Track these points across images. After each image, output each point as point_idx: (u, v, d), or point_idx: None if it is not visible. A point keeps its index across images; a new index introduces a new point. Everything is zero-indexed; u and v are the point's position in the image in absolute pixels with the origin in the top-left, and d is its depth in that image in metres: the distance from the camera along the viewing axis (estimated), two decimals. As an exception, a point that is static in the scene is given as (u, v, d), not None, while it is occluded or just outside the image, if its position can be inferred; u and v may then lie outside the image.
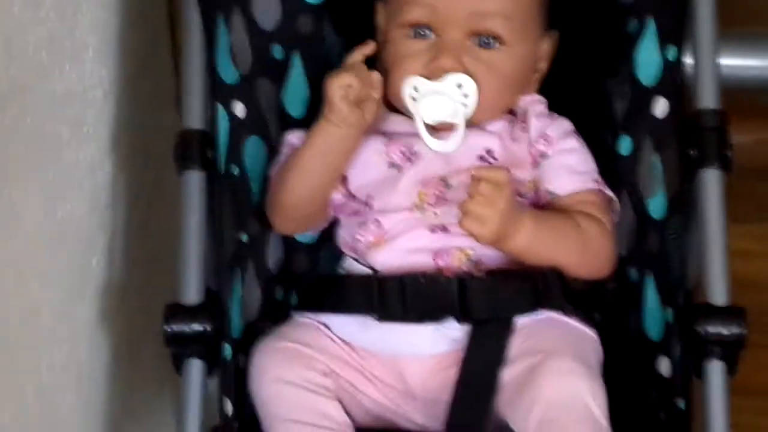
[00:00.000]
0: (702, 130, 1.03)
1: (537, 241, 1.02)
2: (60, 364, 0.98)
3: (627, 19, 1.11)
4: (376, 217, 1.06)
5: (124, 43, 1.09)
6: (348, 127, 1.03)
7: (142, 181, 1.13)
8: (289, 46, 1.14)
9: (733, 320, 0.98)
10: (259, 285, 1.11)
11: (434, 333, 1.01)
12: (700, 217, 1.02)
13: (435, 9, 1.04)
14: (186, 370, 1.00)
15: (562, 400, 0.93)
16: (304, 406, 1.00)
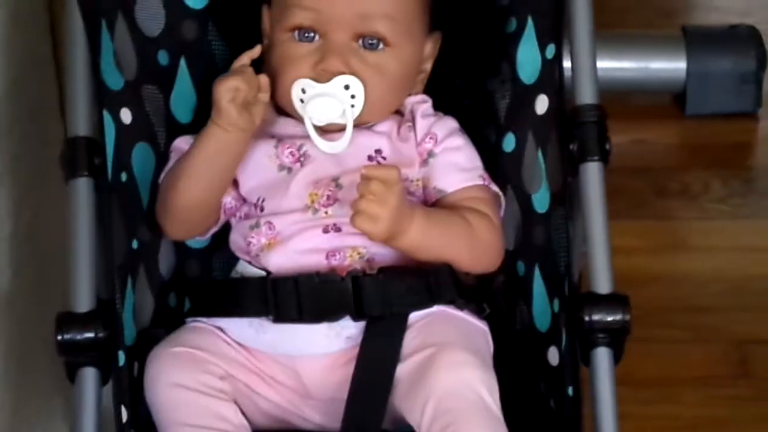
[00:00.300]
0: (582, 124, 1.05)
1: (428, 237, 1.03)
2: None
3: (507, 18, 1.12)
4: (268, 219, 1.06)
5: (5, 50, 1.06)
6: (237, 130, 1.02)
7: (28, 190, 1.10)
8: (174, 52, 1.13)
9: (617, 307, 1.00)
10: (151, 292, 1.10)
11: (329, 331, 1.02)
12: (583, 208, 1.04)
13: (319, 12, 1.04)
14: (79, 378, 0.98)
15: (456, 391, 0.94)
16: (200, 410, 0.99)
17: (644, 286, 1.50)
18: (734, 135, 2.00)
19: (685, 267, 1.79)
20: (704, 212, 1.88)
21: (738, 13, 2.12)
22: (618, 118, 1.08)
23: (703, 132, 2.00)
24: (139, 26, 1.10)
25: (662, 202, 1.88)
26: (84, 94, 1.05)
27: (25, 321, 1.08)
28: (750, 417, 1.55)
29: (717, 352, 1.64)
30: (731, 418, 1.55)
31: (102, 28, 1.06)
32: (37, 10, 1.15)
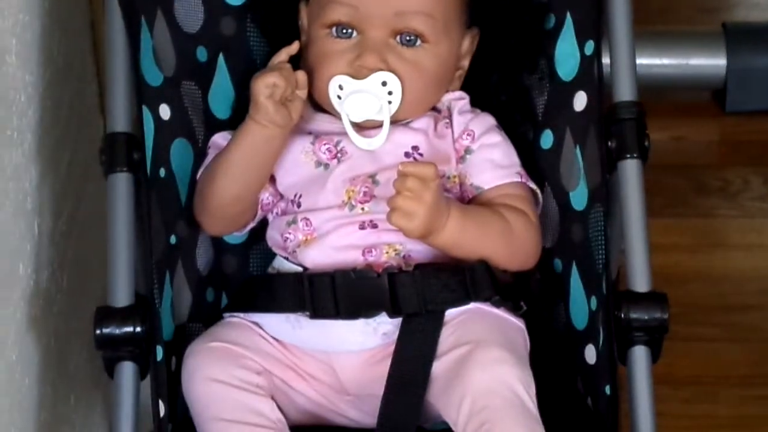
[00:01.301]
0: (620, 121, 1.05)
1: (464, 234, 1.03)
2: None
3: (545, 15, 1.12)
4: (305, 215, 1.06)
5: (46, 47, 1.07)
6: (274, 126, 1.03)
7: (67, 185, 1.11)
8: (213, 48, 1.14)
9: (656, 306, 1.00)
10: (189, 287, 1.10)
11: (365, 328, 1.02)
12: (622, 206, 1.03)
13: (357, 9, 1.04)
14: (118, 373, 0.99)
15: (492, 388, 0.94)
16: (237, 404, 1.00)
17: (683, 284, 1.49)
18: (771, 132, 1.99)
19: (723, 265, 1.77)
20: (744, 210, 1.86)
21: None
22: (657, 115, 1.08)
23: (743, 129, 1.98)
24: (178, 23, 1.11)
25: (701, 199, 1.86)
26: (123, 91, 1.06)
27: (64, 316, 1.09)
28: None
29: (755, 352, 1.63)
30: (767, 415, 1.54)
31: (141, 24, 1.07)
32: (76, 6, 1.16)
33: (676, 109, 1.96)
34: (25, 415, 1.05)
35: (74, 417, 1.17)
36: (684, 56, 1.96)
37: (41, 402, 1.08)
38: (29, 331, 1.05)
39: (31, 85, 1.06)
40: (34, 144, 1.06)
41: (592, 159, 1.07)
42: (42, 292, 1.07)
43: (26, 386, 1.06)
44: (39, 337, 1.07)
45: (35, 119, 1.06)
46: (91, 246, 1.07)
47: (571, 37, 1.10)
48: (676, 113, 1.95)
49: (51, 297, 1.09)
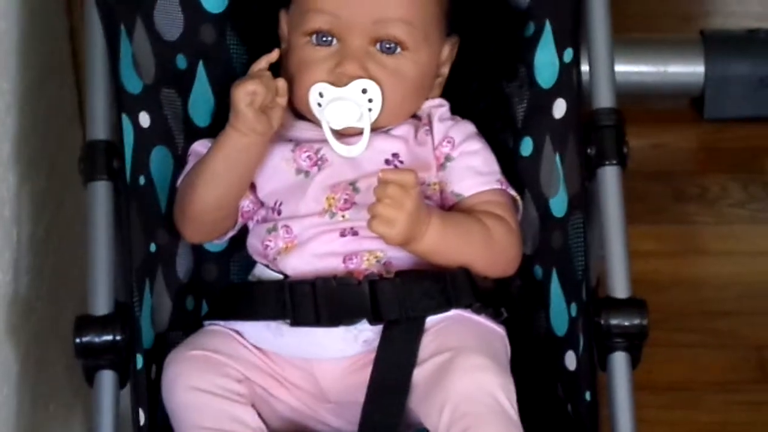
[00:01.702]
0: (600, 128, 1.05)
1: (444, 241, 1.03)
2: None
3: (524, 23, 1.12)
4: (285, 222, 1.06)
5: (24, 54, 1.07)
6: (254, 134, 1.03)
7: (46, 193, 1.11)
8: (193, 56, 1.13)
9: (635, 312, 1.00)
10: (169, 295, 1.09)
11: (346, 335, 1.02)
12: (601, 212, 1.04)
13: (337, 17, 1.04)
14: (98, 381, 0.98)
15: (473, 395, 0.94)
16: (218, 413, 0.99)
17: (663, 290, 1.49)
18: (753, 139, 1.99)
19: (703, 271, 1.78)
20: (723, 217, 1.87)
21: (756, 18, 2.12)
22: (636, 122, 1.08)
23: (722, 136, 1.99)
24: (157, 30, 1.11)
25: (680, 206, 1.87)
26: (103, 98, 1.05)
27: (43, 324, 1.09)
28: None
29: (736, 357, 1.64)
30: (750, 423, 1.55)
31: (121, 32, 1.06)
32: (55, 13, 1.16)
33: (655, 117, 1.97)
34: (2, 424, 1.04)
35: (53, 426, 1.16)
36: (662, 63, 1.97)
37: (20, 411, 1.07)
38: (8, 339, 1.05)
39: (8, 92, 1.05)
40: (12, 152, 1.05)
41: (572, 166, 1.07)
42: (21, 299, 1.06)
43: (4, 395, 1.05)
44: (18, 345, 1.06)
45: (13, 127, 1.05)
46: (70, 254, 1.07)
47: (550, 44, 1.10)
48: (654, 120, 1.95)
49: (30, 305, 1.08)
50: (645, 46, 1.97)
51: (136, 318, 1.02)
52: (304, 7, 1.07)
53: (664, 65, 1.97)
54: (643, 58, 1.94)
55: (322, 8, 1.05)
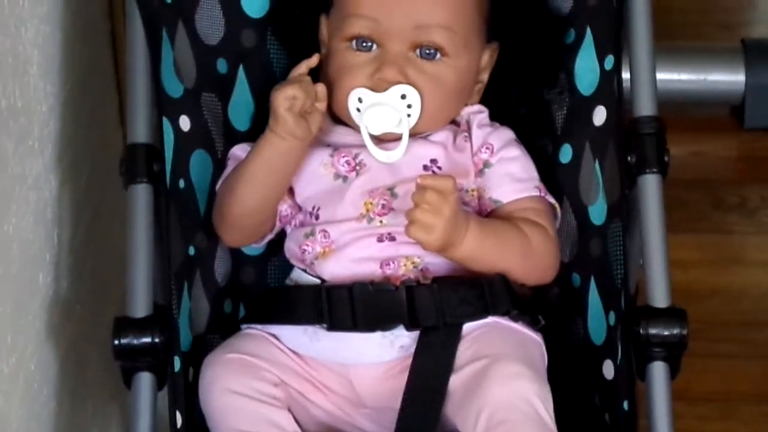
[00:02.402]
0: (640, 136, 1.04)
1: (482, 248, 1.02)
2: (7, 375, 0.97)
3: (565, 29, 1.12)
4: (323, 227, 1.06)
5: (67, 58, 1.07)
6: (293, 139, 1.03)
7: (87, 195, 1.12)
8: (233, 60, 1.14)
9: (675, 322, 0.99)
10: (207, 298, 1.10)
11: (383, 341, 1.02)
12: (641, 220, 1.03)
13: (377, 22, 1.04)
14: (136, 383, 0.99)
15: (510, 403, 0.93)
16: (254, 416, 0.99)
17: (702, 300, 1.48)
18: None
19: (742, 281, 1.77)
20: (762, 226, 1.86)
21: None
22: (676, 131, 1.07)
23: (762, 145, 1.98)
24: (199, 35, 1.11)
25: (720, 215, 1.86)
26: (144, 102, 1.06)
27: (83, 326, 1.10)
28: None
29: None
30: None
31: (162, 36, 1.07)
32: (97, 17, 1.17)
33: (696, 125, 1.96)
34: (42, 424, 1.05)
35: (91, 427, 1.17)
36: (703, 72, 1.96)
37: (59, 412, 1.08)
38: (48, 340, 1.05)
39: (52, 95, 1.06)
40: (54, 154, 1.06)
41: (612, 174, 1.07)
42: (61, 301, 1.07)
43: (44, 395, 1.06)
44: (57, 346, 1.07)
45: (56, 129, 1.06)
46: (110, 256, 1.07)
47: (591, 51, 1.10)
48: (695, 128, 1.94)
49: (70, 306, 1.09)
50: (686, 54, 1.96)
51: (174, 321, 1.02)
52: (345, 12, 1.07)
53: (704, 74, 1.95)
54: (684, 66, 1.93)
55: (362, 13, 1.05)
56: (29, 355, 1.02)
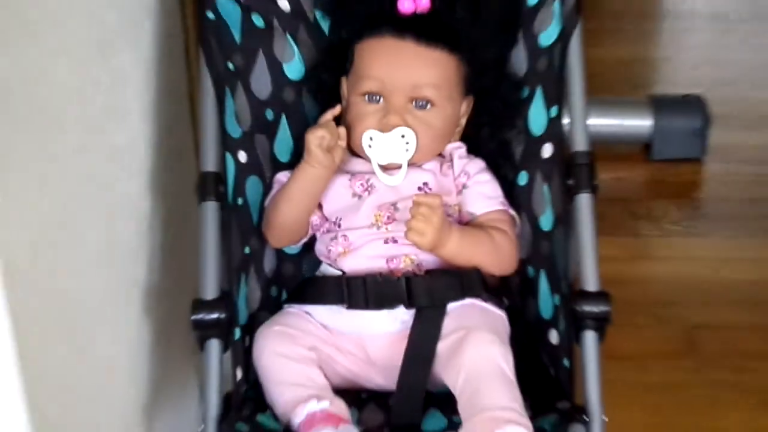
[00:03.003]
0: (577, 165, 1.04)
1: (461, 248, 1.02)
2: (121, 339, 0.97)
3: (521, 87, 1.11)
4: (344, 233, 1.05)
5: (159, 107, 1.07)
6: (322, 168, 1.02)
7: (172, 210, 1.11)
8: (278, 110, 1.13)
9: (602, 301, 0.99)
10: (258, 285, 1.09)
11: (388, 317, 1.01)
12: (577, 228, 1.02)
13: (383, 82, 1.04)
14: (207, 348, 0.98)
15: (481, 362, 0.93)
16: (294, 372, 0.99)
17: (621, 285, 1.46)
18: (687, 174, 1.98)
19: (650, 271, 1.77)
20: (664, 231, 1.85)
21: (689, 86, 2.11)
22: (602, 161, 1.07)
23: (664, 172, 1.98)
24: (252, 91, 1.10)
25: (633, 223, 1.86)
26: (213, 141, 1.05)
27: (169, 306, 1.09)
28: (697, 381, 1.54)
29: (674, 335, 1.62)
30: (683, 382, 1.54)
31: (226, 92, 1.07)
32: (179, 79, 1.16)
33: (616, 157, 1.96)
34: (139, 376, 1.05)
35: (176, 380, 1.16)
36: (622, 119, 1.98)
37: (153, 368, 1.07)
38: (144, 318, 1.05)
39: (149, 136, 1.05)
40: (149, 179, 1.05)
41: (556, 193, 1.06)
42: (154, 289, 1.06)
43: (141, 358, 1.06)
44: (151, 322, 1.06)
45: (150, 161, 1.06)
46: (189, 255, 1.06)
47: (541, 103, 1.09)
48: (616, 160, 1.95)
49: (160, 292, 1.08)
50: (609, 105, 1.97)
51: (235, 302, 1.02)
52: (360, 74, 1.06)
53: (623, 120, 1.97)
54: (608, 114, 1.94)
55: (372, 75, 1.05)
56: (134, 327, 1.02)
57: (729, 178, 1.95)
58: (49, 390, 0.76)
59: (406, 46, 1.04)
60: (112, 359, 0.96)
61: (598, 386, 0.98)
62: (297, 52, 1.12)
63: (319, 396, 0.96)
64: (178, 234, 1.11)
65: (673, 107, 1.98)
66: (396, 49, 1.05)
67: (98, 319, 0.92)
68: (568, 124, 1.06)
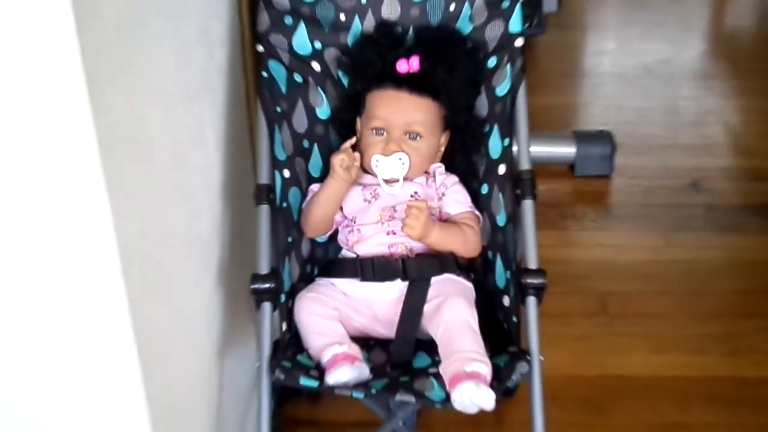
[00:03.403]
0: (523, 179, 1.04)
1: (441, 238, 1.02)
2: (197, 302, 0.97)
3: (483, 125, 1.10)
4: (357, 227, 1.05)
5: (227, 138, 1.06)
6: (342, 181, 1.02)
7: (239, 211, 1.10)
8: (311, 141, 1.13)
9: (540, 276, 1.00)
10: (297, 264, 1.09)
11: (389, 287, 1.01)
12: (523, 224, 1.03)
13: (386, 120, 1.04)
14: (261, 308, 0.98)
15: (454, 319, 0.94)
16: (323, 325, 0.99)
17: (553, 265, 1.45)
18: (599, 187, 1.96)
19: (573, 255, 1.75)
20: (583, 227, 1.84)
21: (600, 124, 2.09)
22: (540, 177, 1.06)
23: (583, 185, 1.96)
24: (294, 127, 1.10)
25: (562, 221, 1.84)
26: (266, 162, 1.05)
27: (237, 279, 1.08)
28: (606, 333, 1.52)
29: (589, 300, 1.61)
30: (596, 333, 1.52)
31: (275, 128, 1.07)
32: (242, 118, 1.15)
33: (551, 174, 1.94)
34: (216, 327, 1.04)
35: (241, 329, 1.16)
36: (554, 147, 1.95)
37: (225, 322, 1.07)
38: (220, 287, 1.04)
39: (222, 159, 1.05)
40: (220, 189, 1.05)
41: (508, 199, 1.06)
42: (226, 267, 1.06)
43: (218, 312, 1.04)
44: (226, 291, 1.06)
45: (221, 176, 1.05)
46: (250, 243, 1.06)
47: (497, 136, 1.09)
48: (550, 176, 1.93)
49: (231, 269, 1.08)
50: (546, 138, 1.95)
51: (281, 275, 1.02)
52: (369, 115, 1.07)
53: (555, 148, 1.95)
54: (545, 144, 1.92)
55: (379, 116, 1.05)
56: (211, 293, 1.01)
57: (628, 189, 1.93)
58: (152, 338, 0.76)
59: (402, 96, 1.05)
60: (196, 315, 0.96)
61: (537, 336, 0.98)
62: (325, 99, 1.12)
63: (340, 342, 0.96)
64: (242, 227, 1.11)
65: (590, 139, 1.96)
66: (395, 97, 1.05)
67: (186, 286, 0.92)
68: (516, 151, 1.07)
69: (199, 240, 0.96)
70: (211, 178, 1.01)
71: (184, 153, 0.89)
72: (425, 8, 1.06)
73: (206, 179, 0.99)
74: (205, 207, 0.98)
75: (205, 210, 0.98)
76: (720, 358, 1.45)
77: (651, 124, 2.16)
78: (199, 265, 0.96)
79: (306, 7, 1.06)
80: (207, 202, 0.99)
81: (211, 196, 1.01)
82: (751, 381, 1.40)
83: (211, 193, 1.01)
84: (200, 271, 0.96)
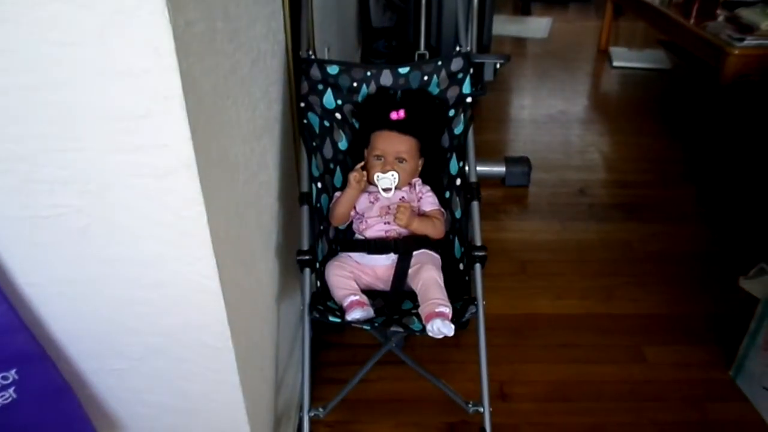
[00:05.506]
0: (472, 188, 1.04)
1: (419, 226, 1.02)
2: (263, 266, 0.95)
3: (447, 153, 1.10)
4: (365, 220, 1.05)
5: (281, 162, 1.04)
6: (356, 190, 1.02)
7: (287, 208, 1.09)
8: (335, 164, 1.12)
9: (483, 250, 1.00)
10: (327, 244, 1.08)
11: (386, 258, 1.01)
12: (472, 217, 1.03)
13: (383, 151, 1.04)
14: (303, 273, 0.98)
15: (428, 278, 0.94)
16: (343, 282, 0.99)
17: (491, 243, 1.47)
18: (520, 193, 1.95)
19: (503, 236, 1.74)
20: (510, 217, 1.83)
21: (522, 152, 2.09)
22: (484, 187, 1.08)
23: (511, 192, 1.95)
24: (323, 155, 1.10)
25: (498, 214, 1.84)
26: (306, 177, 1.05)
27: (287, 253, 1.07)
28: (525, 286, 1.52)
29: (513, 264, 1.60)
30: (518, 286, 1.52)
31: (312, 156, 1.06)
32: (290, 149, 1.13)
33: (491, 185, 1.94)
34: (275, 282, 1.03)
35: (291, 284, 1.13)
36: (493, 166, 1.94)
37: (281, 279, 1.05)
38: (276, 257, 1.03)
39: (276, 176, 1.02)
40: (276, 195, 1.03)
41: (463, 201, 1.06)
42: (280, 246, 1.04)
43: (276, 273, 1.03)
44: (281, 258, 1.04)
45: (277, 187, 1.04)
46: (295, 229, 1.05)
47: (455, 160, 1.09)
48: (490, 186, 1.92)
49: (283, 247, 1.06)
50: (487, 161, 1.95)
51: (316, 250, 1.01)
52: (372, 147, 1.06)
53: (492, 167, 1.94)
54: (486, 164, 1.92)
55: (379, 148, 1.04)
56: (272, 261, 1.00)
57: (539, 194, 1.93)
58: (235, 293, 0.76)
59: (393, 135, 1.05)
60: (262, 275, 0.95)
61: (481, 288, 0.98)
62: (344, 137, 1.12)
63: (354, 293, 0.97)
64: (290, 220, 1.11)
65: (514, 162, 1.96)
66: (389, 136, 1.05)
67: (255, 258, 0.92)
68: (467, 169, 1.06)
69: (263, 228, 0.96)
70: (271, 188, 1.01)
71: (254, 173, 0.89)
72: (408, 78, 1.08)
73: (268, 189, 0.98)
74: (267, 207, 0.98)
75: (267, 209, 0.98)
76: (598, 302, 1.47)
77: (553, 152, 2.17)
78: (264, 245, 0.96)
79: (331, 78, 1.07)
80: (269, 204, 0.99)
81: (271, 200, 1.00)
82: (618, 317, 1.43)
83: (271, 198, 1.01)
84: (265, 249, 0.96)
